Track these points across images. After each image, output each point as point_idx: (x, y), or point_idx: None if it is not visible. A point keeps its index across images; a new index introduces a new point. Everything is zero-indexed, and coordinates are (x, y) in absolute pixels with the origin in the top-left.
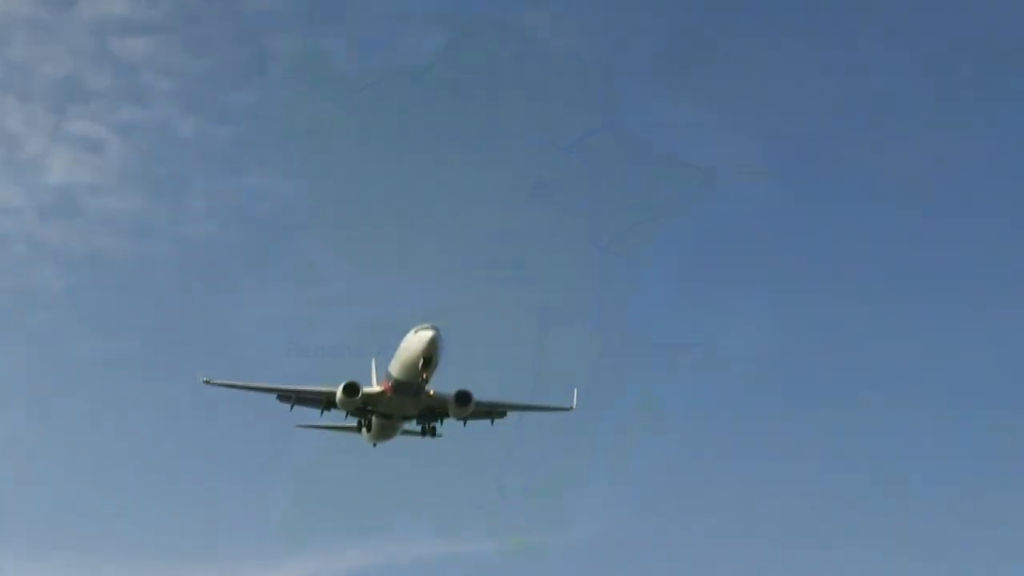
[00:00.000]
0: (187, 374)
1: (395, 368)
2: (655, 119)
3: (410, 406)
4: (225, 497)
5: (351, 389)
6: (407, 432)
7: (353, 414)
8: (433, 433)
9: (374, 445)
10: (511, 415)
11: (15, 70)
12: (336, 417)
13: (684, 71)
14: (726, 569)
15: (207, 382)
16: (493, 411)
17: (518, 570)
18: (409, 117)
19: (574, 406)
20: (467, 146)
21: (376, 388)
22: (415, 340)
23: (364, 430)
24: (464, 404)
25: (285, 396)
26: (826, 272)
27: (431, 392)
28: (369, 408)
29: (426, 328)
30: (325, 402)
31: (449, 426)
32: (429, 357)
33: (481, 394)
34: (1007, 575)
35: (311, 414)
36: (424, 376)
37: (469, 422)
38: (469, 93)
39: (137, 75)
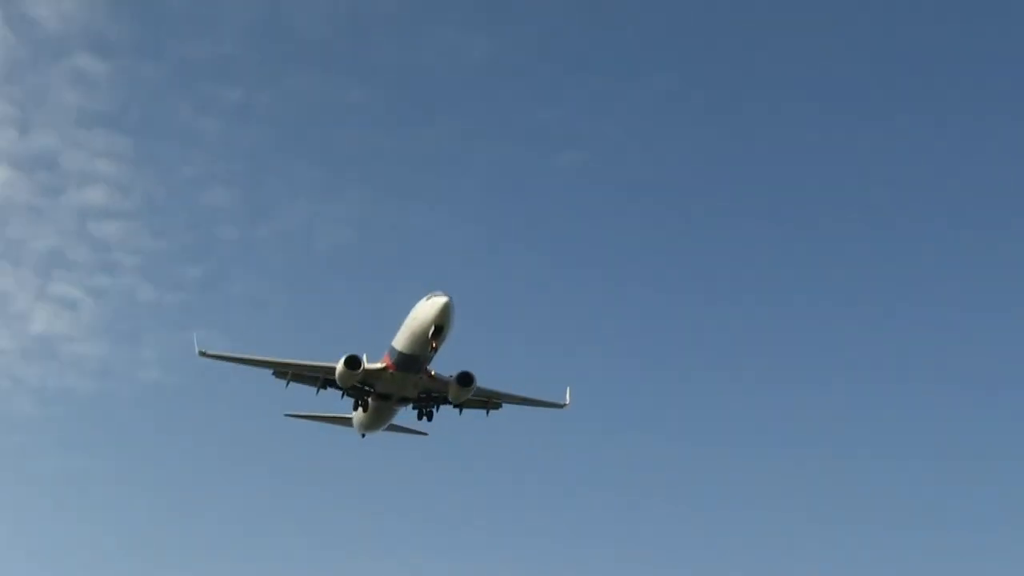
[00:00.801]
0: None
1: (401, 340)
2: None
3: (411, 385)
4: None
5: (352, 362)
6: (395, 428)
7: (350, 393)
8: (430, 417)
9: (363, 436)
10: (505, 408)
11: (11, 243)
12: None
13: None
14: None
15: (202, 354)
16: (489, 401)
17: None
18: None
19: (568, 403)
20: None
21: (378, 364)
22: (427, 307)
23: (356, 419)
24: (466, 385)
25: (281, 372)
26: None
27: (432, 373)
28: (367, 387)
29: (439, 295)
30: (323, 379)
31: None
32: (442, 325)
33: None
34: None
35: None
36: (434, 346)
37: (465, 412)
38: None
39: (109, 251)
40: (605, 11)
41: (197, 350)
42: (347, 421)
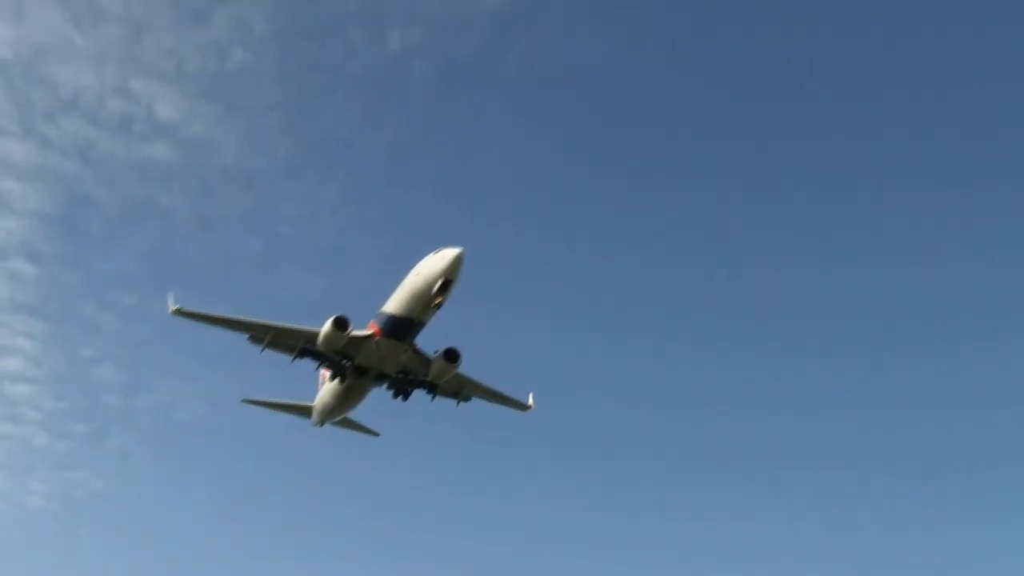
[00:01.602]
0: None
1: (396, 303)
2: None
3: (394, 358)
4: None
5: (341, 323)
6: (349, 424)
7: (329, 363)
8: (407, 397)
9: (321, 424)
10: (475, 401)
11: None
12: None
13: None
14: None
15: (178, 311)
16: (462, 390)
17: None
18: None
19: (532, 405)
20: None
21: (365, 331)
22: (437, 259)
23: (318, 405)
24: (452, 362)
25: (258, 337)
26: None
27: (416, 347)
28: (347, 358)
29: (453, 248)
30: (302, 346)
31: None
32: (452, 279)
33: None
34: None
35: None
36: (438, 302)
37: (436, 400)
38: None
39: (17, 406)
40: None
41: (171, 307)
42: (305, 410)
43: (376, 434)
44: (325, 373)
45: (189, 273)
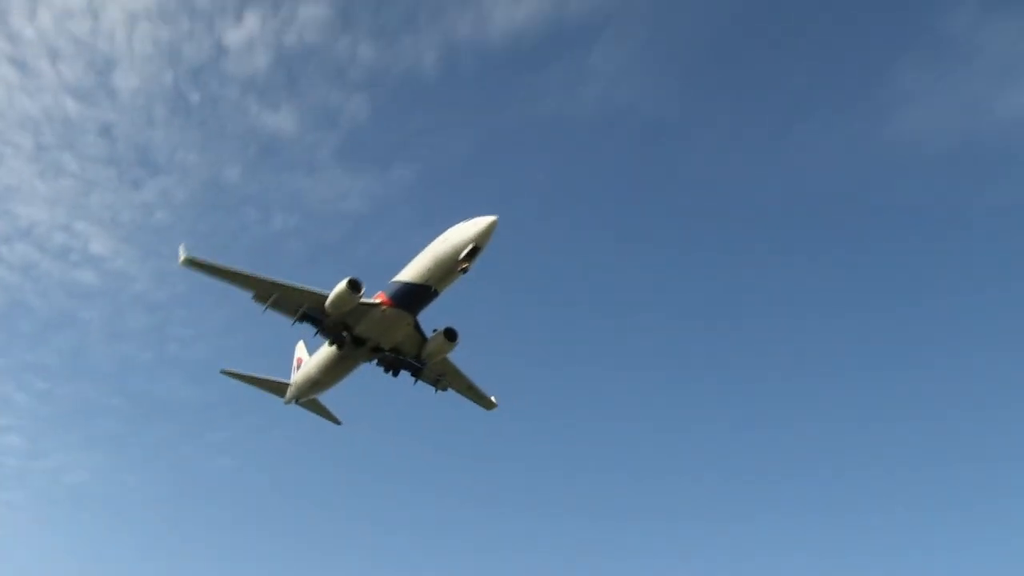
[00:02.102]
0: None
1: (414, 270)
2: None
3: (394, 331)
4: None
5: (355, 285)
6: (316, 408)
7: (330, 329)
8: (396, 373)
9: (296, 400)
10: (450, 393)
11: None
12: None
13: None
14: None
15: (188, 259)
16: (443, 377)
17: None
18: None
19: (496, 404)
20: None
21: (373, 299)
22: (469, 226)
23: (302, 376)
24: (452, 340)
25: (263, 296)
26: None
27: (418, 323)
28: (348, 325)
29: (487, 216)
30: (306, 309)
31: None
32: (481, 245)
33: None
34: None
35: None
36: (464, 267)
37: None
38: None
39: None
40: None
41: (182, 257)
42: (281, 387)
43: (338, 422)
44: (301, 357)
45: (95, 372)
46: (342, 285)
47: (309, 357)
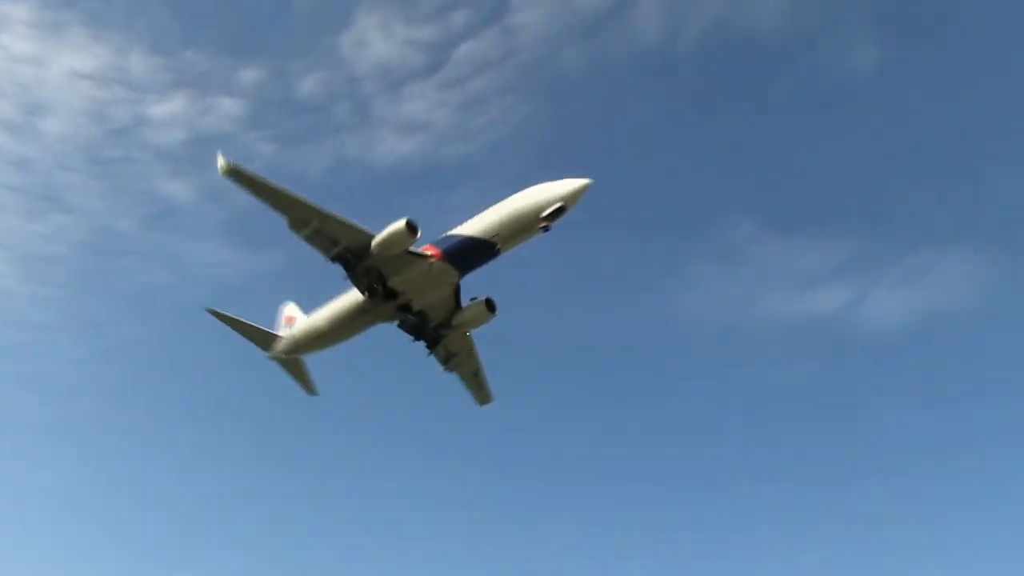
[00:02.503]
0: None
1: (480, 224)
2: None
3: (433, 290)
4: None
5: (413, 227)
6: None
7: (363, 275)
8: (418, 337)
9: (288, 355)
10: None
11: None
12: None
13: None
14: None
15: (231, 167)
16: (458, 355)
17: None
18: None
19: (492, 397)
20: None
21: (423, 250)
22: (560, 185)
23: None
24: (492, 311)
25: (302, 222)
26: None
27: (459, 287)
28: (384, 275)
29: (582, 178)
30: (345, 247)
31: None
32: (569, 206)
33: None
34: None
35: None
36: (544, 226)
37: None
38: None
39: None
40: None
41: (222, 164)
42: (267, 338)
43: (315, 393)
44: (293, 316)
45: None
46: (400, 224)
47: (306, 316)
